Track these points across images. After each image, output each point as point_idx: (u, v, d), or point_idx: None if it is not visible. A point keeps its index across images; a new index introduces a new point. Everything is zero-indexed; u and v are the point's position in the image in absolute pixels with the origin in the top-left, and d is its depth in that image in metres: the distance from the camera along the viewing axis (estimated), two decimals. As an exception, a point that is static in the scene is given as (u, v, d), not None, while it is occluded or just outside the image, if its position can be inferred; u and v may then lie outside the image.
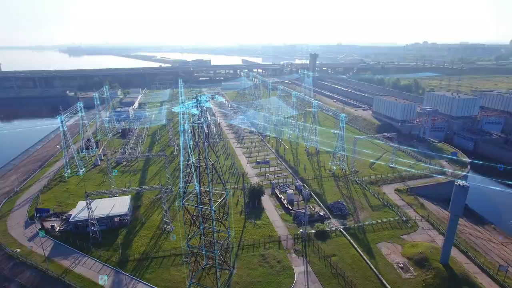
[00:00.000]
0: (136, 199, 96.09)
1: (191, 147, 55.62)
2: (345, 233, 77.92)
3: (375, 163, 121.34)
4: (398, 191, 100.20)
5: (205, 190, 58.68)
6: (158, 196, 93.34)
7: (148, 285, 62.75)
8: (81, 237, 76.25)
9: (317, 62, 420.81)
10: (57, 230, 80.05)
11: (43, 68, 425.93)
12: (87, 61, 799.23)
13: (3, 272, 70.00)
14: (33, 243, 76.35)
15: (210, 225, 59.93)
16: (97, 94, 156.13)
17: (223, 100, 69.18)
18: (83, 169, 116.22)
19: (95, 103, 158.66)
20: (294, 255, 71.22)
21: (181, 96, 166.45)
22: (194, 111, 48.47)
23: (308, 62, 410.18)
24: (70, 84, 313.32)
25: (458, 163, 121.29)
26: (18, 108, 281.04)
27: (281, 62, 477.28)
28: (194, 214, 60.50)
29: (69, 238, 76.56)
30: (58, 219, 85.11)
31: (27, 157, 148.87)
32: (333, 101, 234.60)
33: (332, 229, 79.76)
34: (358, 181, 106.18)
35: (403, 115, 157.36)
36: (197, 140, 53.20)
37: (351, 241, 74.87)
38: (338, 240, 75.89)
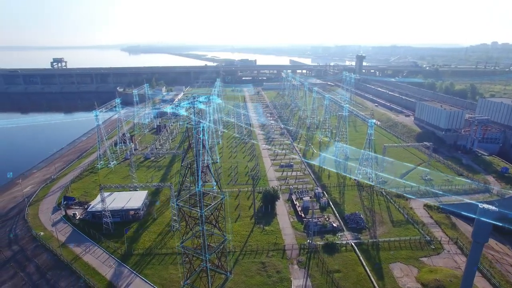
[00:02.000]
0: (155, 194, 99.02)
1: (186, 148, 55.09)
2: (356, 248, 72.34)
3: (407, 174, 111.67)
4: (427, 207, 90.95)
5: (203, 192, 57.94)
6: (175, 194, 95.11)
7: (145, 281, 63.86)
8: (96, 227, 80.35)
9: (366, 64, 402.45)
10: (77, 218, 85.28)
11: (103, 65, 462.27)
12: (143, 59, 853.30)
13: (26, 252, 76.27)
14: (55, 228, 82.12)
15: (205, 227, 59.12)
16: (136, 91, 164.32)
17: (220, 101, 68.31)
18: (114, 162, 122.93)
19: (134, 99, 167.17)
20: (296, 266, 67.74)
21: (214, 95, 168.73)
22: (183, 112, 47.91)
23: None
24: (122, 81, 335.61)
25: (510, 180, 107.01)
26: (77, 101, 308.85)
27: (331, 63, 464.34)
28: (191, 215, 60.04)
29: (86, 226, 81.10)
30: (81, 207, 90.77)
31: (73, 147, 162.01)
32: (375, 105, 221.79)
33: (343, 242, 74.55)
34: (383, 193, 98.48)
35: (448, 123, 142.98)
36: (191, 141, 52.58)
37: (361, 257, 69.24)
38: (347, 255, 70.64)
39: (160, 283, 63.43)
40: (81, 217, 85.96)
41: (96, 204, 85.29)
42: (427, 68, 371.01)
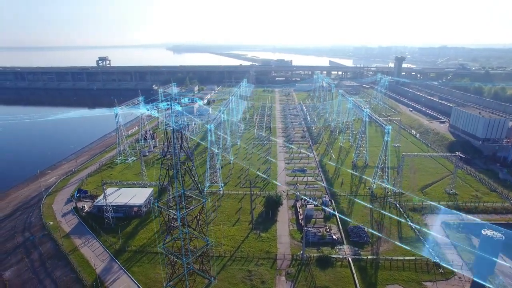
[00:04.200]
0: (163, 192, 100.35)
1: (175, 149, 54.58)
2: (352, 264, 67.25)
3: (429, 186, 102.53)
4: (445, 224, 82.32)
5: (185, 194, 57.23)
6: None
7: (130, 278, 64.51)
8: (99, 221, 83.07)
9: (407, 66, 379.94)
10: (85, 211, 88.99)
11: (147, 63, 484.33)
12: (186, 58, 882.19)
13: (34, 239, 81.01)
14: (63, 219, 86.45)
15: (187, 231, 58.36)
16: (162, 90, 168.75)
17: (201, 102, 66.05)
18: (133, 158, 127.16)
19: (160, 98, 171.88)
20: (283, 278, 64.50)
21: (234, 95, 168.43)
22: (154, 113, 47.34)
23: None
24: (159, 79, 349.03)
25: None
26: (117, 97, 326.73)
27: (373, 65, 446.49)
28: (173, 217, 59.51)
29: (90, 219, 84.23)
30: (91, 201, 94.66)
31: (101, 142, 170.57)
32: (409, 110, 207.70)
33: (340, 256, 69.75)
34: (398, 205, 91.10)
35: (487, 132, 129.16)
36: (169, 143, 51.89)
37: (355, 275, 64.16)
38: (341, 271, 65.88)
39: (145, 282, 63.71)
40: (88, 210, 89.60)
41: (102, 198, 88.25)
42: (477, 70, 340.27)
